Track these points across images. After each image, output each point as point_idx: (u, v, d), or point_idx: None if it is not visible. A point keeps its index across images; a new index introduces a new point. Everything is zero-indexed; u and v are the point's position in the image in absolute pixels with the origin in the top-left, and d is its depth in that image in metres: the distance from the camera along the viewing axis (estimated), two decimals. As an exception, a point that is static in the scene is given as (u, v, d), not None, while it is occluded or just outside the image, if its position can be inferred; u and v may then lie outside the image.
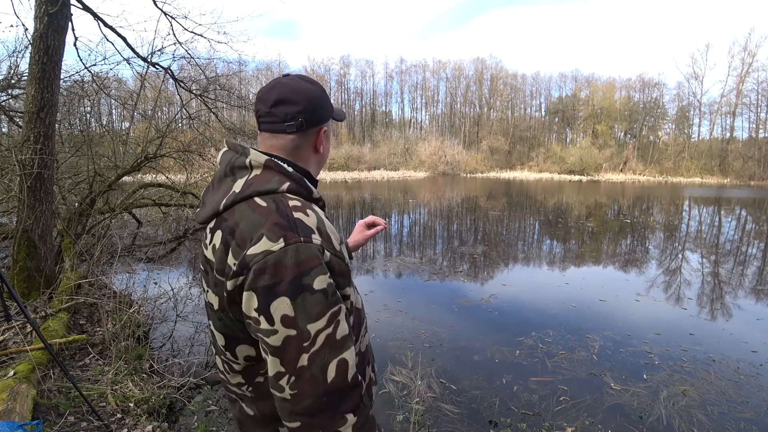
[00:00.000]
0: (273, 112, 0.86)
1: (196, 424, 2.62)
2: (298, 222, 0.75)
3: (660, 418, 2.86)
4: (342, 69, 60.63)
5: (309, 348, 0.71)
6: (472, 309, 5.02)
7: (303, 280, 0.71)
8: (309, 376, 0.71)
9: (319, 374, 0.71)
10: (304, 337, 0.71)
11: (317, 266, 0.73)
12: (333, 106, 0.95)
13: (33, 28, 3.80)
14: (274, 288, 0.71)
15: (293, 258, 0.71)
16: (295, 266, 0.71)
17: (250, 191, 0.80)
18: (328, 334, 0.72)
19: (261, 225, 0.75)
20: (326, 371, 0.72)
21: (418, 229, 11.55)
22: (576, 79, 58.94)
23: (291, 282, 0.71)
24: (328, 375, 0.72)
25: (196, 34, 6.65)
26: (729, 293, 5.86)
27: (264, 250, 0.72)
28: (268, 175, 0.82)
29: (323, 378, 0.72)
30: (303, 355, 0.71)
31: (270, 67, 56.24)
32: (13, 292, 1.88)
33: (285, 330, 0.71)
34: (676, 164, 47.34)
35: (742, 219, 14.63)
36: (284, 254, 0.71)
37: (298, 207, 0.79)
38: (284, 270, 0.71)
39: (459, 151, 49.43)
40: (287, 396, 0.72)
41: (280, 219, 0.75)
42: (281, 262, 0.71)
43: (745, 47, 46.75)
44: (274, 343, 0.72)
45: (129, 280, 5.28)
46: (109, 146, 7.94)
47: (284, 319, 0.71)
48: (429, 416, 2.84)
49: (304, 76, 0.91)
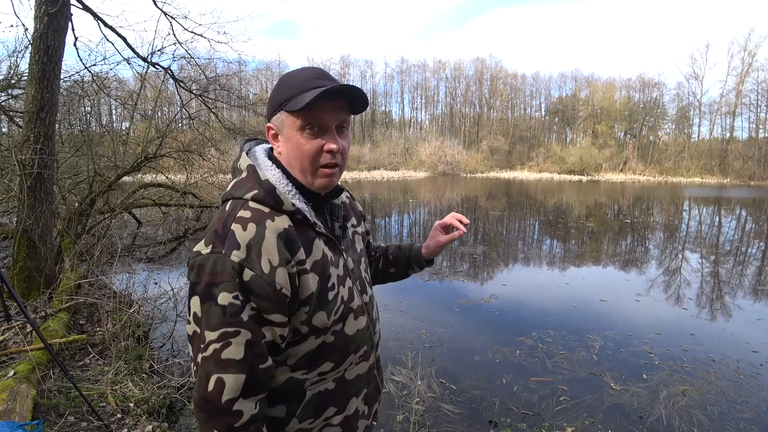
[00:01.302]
0: None
1: (195, 424, 2.62)
2: (229, 234, 0.76)
3: (660, 418, 2.86)
4: (342, 69, 60.65)
5: (202, 351, 0.75)
6: (472, 309, 5.02)
7: (212, 290, 0.74)
8: (198, 375, 0.76)
9: (203, 379, 0.75)
10: (201, 340, 0.75)
11: (225, 282, 0.74)
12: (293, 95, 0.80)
13: (33, 28, 3.80)
14: (194, 286, 0.76)
15: (211, 266, 0.75)
16: (210, 274, 0.74)
17: (228, 193, 0.85)
18: (215, 348, 0.74)
19: (212, 227, 0.80)
20: (208, 380, 0.74)
21: (417, 229, 11.55)
22: (576, 79, 58.98)
23: (205, 287, 0.75)
24: (208, 385, 0.74)
25: (196, 34, 6.65)
26: (729, 293, 5.86)
27: (197, 251, 0.77)
28: (246, 180, 0.84)
29: (205, 384, 0.75)
30: (199, 354, 0.75)
31: (270, 67, 56.28)
32: (13, 292, 1.88)
33: (193, 325, 0.77)
34: (676, 164, 47.34)
35: (742, 219, 14.62)
36: (206, 260, 0.75)
37: (244, 218, 0.77)
38: (203, 274, 0.75)
39: (459, 151, 49.44)
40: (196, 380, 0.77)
41: (220, 227, 0.78)
42: (203, 266, 0.75)
43: (745, 47, 46.80)
44: (188, 331, 0.79)
45: (129, 280, 5.28)
46: (109, 146, 7.94)
47: (194, 316, 0.76)
48: (429, 416, 2.84)
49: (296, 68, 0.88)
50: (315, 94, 0.77)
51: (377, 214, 14.14)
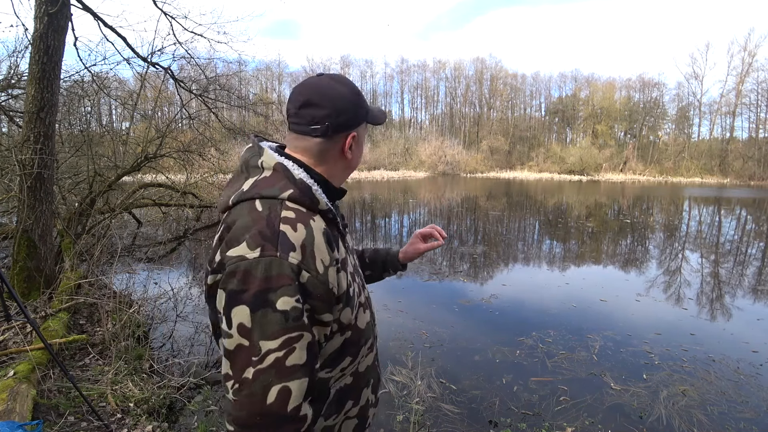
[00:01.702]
0: (300, 114, 0.85)
1: (196, 424, 2.62)
2: (281, 235, 0.74)
3: (660, 418, 2.86)
4: (342, 69, 60.64)
5: (256, 364, 0.70)
6: (472, 309, 5.02)
7: (268, 296, 0.70)
8: (249, 391, 0.69)
9: (259, 393, 0.69)
10: (254, 352, 0.70)
11: (285, 286, 0.71)
12: (369, 107, 0.91)
13: (33, 28, 3.80)
14: (239, 295, 0.70)
15: (264, 271, 0.70)
16: (263, 279, 0.70)
17: (253, 193, 0.80)
18: (278, 357, 0.70)
19: (248, 229, 0.74)
20: (267, 393, 0.69)
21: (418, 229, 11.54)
22: (576, 79, 58.96)
23: (255, 294, 0.70)
24: (267, 397, 0.69)
25: (196, 34, 6.66)
26: (729, 293, 5.86)
27: (239, 255, 0.72)
28: (274, 179, 0.81)
29: (262, 398, 0.69)
30: (249, 368, 0.70)
31: (270, 67, 56.30)
32: (13, 292, 1.88)
33: (239, 338, 0.70)
34: (676, 164, 47.34)
35: (742, 219, 14.63)
36: (256, 265, 0.70)
37: (290, 219, 0.76)
38: (252, 280, 0.70)
39: (459, 151, 49.44)
40: (230, 399, 0.71)
41: (265, 228, 0.74)
42: (251, 271, 0.70)
43: (745, 47, 46.78)
44: (228, 346, 0.72)
45: (129, 280, 5.28)
46: (109, 146, 7.94)
47: (240, 328, 0.70)
48: (429, 416, 2.84)
49: (338, 77, 0.88)
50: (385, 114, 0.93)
51: (377, 214, 14.15)
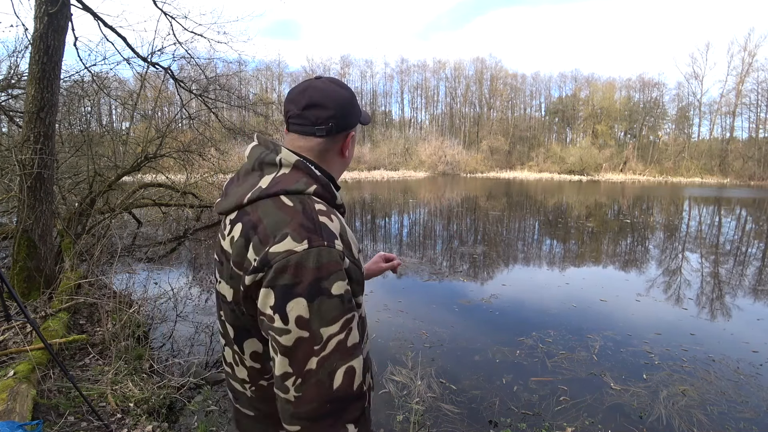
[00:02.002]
0: (304, 115, 0.86)
1: (196, 424, 2.62)
2: (323, 226, 0.76)
3: (660, 418, 2.86)
4: (342, 69, 60.66)
5: (319, 352, 0.71)
6: (472, 309, 5.02)
7: (322, 284, 0.71)
8: (315, 380, 0.70)
9: (326, 379, 0.71)
10: (315, 341, 0.71)
11: (337, 271, 0.73)
12: (361, 110, 0.95)
13: (33, 28, 3.80)
14: (293, 288, 0.71)
15: (315, 261, 0.71)
16: (316, 269, 0.71)
17: (277, 188, 0.80)
18: (339, 339, 0.72)
19: (286, 224, 0.75)
20: (333, 377, 0.71)
21: (417, 229, 11.55)
22: (576, 79, 58.96)
23: (310, 284, 0.71)
24: (335, 381, 0.71)
25: (196, 34, 6.66)
26: (729, 293, 5.86)
27: (287, 249, 0.72)
28: (297, 175, 0.83)
29: (329, 384, 0.71)
30: (312, 359, 0.71)
31: (270, 67, 56.31)
32: (13, 292, 1.88)
33: (298, 331, 0.70)
34: (676, 164, 47.34)
35: (742, 219, 14.63)
36: (307, 256, 0.71)
37: (324, 211, 0.79)
38: (305, 271, 0.71)
39: (459, 151, 49.44)
40: (291, 398, 0.71)
41: (305, 221, 0.75)
42: (303, 263, 0.71)
43: (745, 47, 46.77)
44: (285, 342, 0.71)
45: (129, 280, 5.28)
46: (109, 146, 7.94)
47: (299, 320, 0.70)
48: (429, 416, 2.84)
49: (335, 80, 0.91)
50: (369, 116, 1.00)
51: (377, 214, 14.15)
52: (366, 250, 8.30)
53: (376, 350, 3.81)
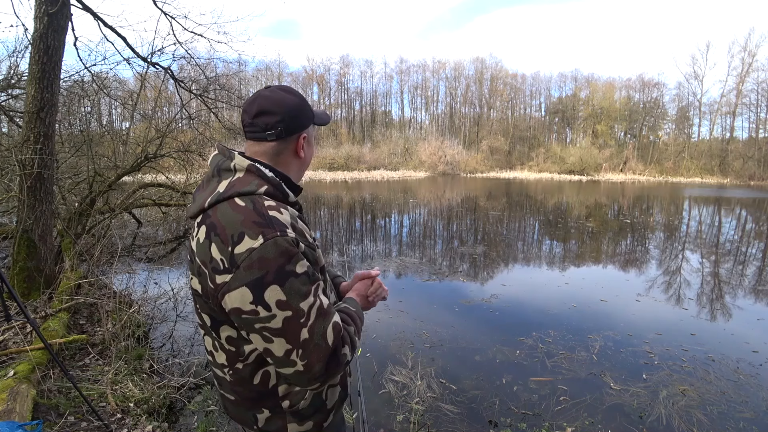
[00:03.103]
0: (255, 123, 0.95)
1: (196, 424, 2.62)
2: (273, 219, 0.84)
3: (660, 418, 2.86)
4: (342, 69, 60.68)
5: (306, 322, 0.82)
6: (472, 309, 5.02)
7: (287, 268, 0.81)
8: (313, 345, 0.82)
9: (322, 341, 0.83)
10: (300, 315, 0.81)
11: (295, 254, 0.83)
12: (314, 111, 1.04)
13: (33, 28, 3.80)
14: (263, 279, 0.79)
15: (274, 250, 0.80)
16: (276, 257, 0.80)
17: (231, 192, 0.88)
18: (317, 306, 0.84)
19: (240, 222, 0.82)
20: (326, 337, 0.84)
21: (418, 229, 11.55)
22: (576, 79, 58.91)
23: (276, 271, 0.80)
24: (328, 339, 0.84)
25: (196, 34, 6.65)
26: (729, 293, 5.86)
27: (248, 248, 0.80)
28: (249, 178, 0.91)
29: (326, 342, 0.84)
30: (303, 330, 0.81)
31: (270, 67, 56.32)
32: (13, 292, 1.88)
33: (282, 312, 0.80)
34: (676, 164, 47.31)
35: (742, 219, 14.63)
36: (266, 248, 0.80)
37: (273, 207, 0.87)
38: (268, 262, 0.79)
39: (459, 151, 49.39)
40: (300, 368, 0.82)
41: (257, 217, 0.83)
42: (264, 255, 0.79)
43: (745, 47, 46.71)
44: (275, 326, 0.80)
45: (129, 280, 5.28)
46: (109, 146, 7.94)
47: (279, 304, 0.80)
48: (429, 416, 2.84)
49: (284, 87, 1.00)
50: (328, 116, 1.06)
51: (377, 215, 14.14)
52: (366, 250, 8.30)
53: (377, 350, 3.82)
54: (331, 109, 60.18)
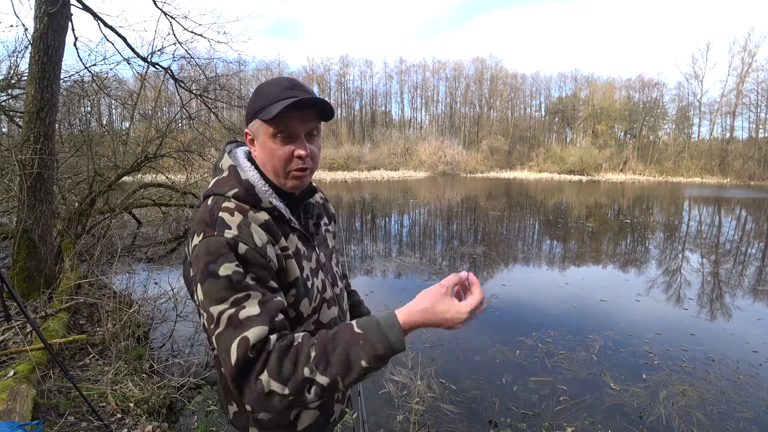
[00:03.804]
0: None
1: (196, 424, 2.62)
2: (219, 220, 0.81)
3: (660, 418, 2.86)
4: (342, 69, 60.68)
5: (215, 330, 0.75)
6: (472, 309, 5.01)
7: (210, 267, 0.77)
8: (222, 358, 0.74)
9: (225, 356, 0.73)
10: (212, 320, 0.76)
11: (223, 255, 0.77)
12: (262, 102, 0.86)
13: (33, 28, 3.80)
14: (195, 276, 0.79)
15: (204, 249, 0.78)
16: (205, 255, 0.78)
17: (210, 190, 0.90)
18: (230, 314, 0.74)
19: (196, 221, 0.84)
20: (230, 352, 0.72)
21: (417, 229, 11.55)
22: (576, 79, 58.93)
23: (202, 270, 0.77)
24: (231, 355, 0.72)
25: (196, 34, 6.65)
26: (729, 293, 5.86)
27: (193, 245, 0.82)
28: (227, 179, 0.89)
29: (228, 358, 0.73)
30: (212, 337, 0.76)
31: (270, 67, 56.25)
32: (13, 292, 1.88)
33: (202, 313, 0.79)
34: (676, 164, 47.31)
35: (742, 219, 14.63)
36: (200, 246, 0.79)
37: (230, 208, 0.84)
38: (199, 260, 0.78)
39: (459, 151, 49.40)
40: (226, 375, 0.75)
41: (207, 217, 0.83)
42: (198, 253, 0.79)
43: (745, 47, 46.75)
44: (204, 325, 0.80)
45: (129, 280, 5.27)
46: (109, 146, 7.93)
47: (201, 304, 0.78)
48: (429, 416, 2.84)
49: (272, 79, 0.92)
50: (283, 105, 0.82)
51: (377, 215, 14.14)
52: (366, 250, 8.30)
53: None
54: (331, 109, 59.93)
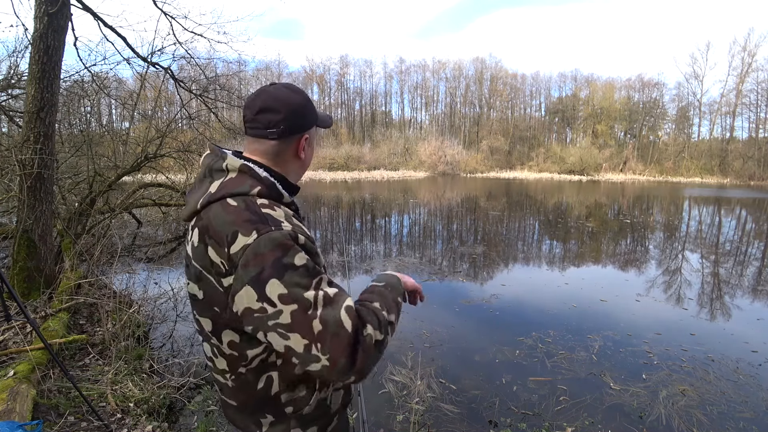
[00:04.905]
0: (257, 119, 0.92)
1: (196, 424, 2.62)
2: (267, 216, 0.81)
3: (660, 418, 2.86)
4: (342, 69, 60.67)
5: (315, 311, 0.76)
6: (472, 309, 5.02)
7: (283, 261, 0.77)
8: (330, 335, 0.75)
9: (338, 329, 0.75)
10: (307, 306, 0.76)
11: (292, 247, 0.79)
12: (318, 113, 1.00)
13: (33, 28, 3.80)
14: (261, 275, 0.76)
15: (269, 245, 0.77)
16: (272, 251, 0.77)
17: (222, 192, 0.86)
18: (323, 295, 0.78)
19: (233, 223, 0.80)
20: (341, 322, 0.76)
21: (417, 229, 11.55)
22: (576, 79, 58.92)
23: (273, 265, 0.76)
24: (345, 325, 0.76)
25: (196, 34, 6.65)
26: (729, 293, 5.86)
27: (242, 246, 0.78)
28: (242, 178, 0.88)
29: (344, 331, 0.75)
30: (314, 321, 0.75)
31: (269, 67, 56.26)
32: (13, 292, 1.88)
33: (287, 307, 0.75)
34: (676, 164, 47.32)
35: (742, 219, 14.63)
36: (259, 244, 0.77)
37: (266, 205, 0.85)
38: (264, 257, 0.76)
39: (459, 151, 49.39)
40: (326, 363, 0.75)
41: (249, 215, 0.81)
42: (258, 251, 0.77)
43: (745, 47, 46.73)
44: (285, 320, 0.76)
45: (129, 280, 5.27)
46: (109, 146, 7.94)
47: (282, 298, 0.75)
48: (429, 416, 2.85)
49: (289, 85, 0.97)
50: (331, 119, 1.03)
51: (377, 215, 14.14)
52: (366, 250, 8.30)
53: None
54: (331, 109, 60.17)
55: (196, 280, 0.87)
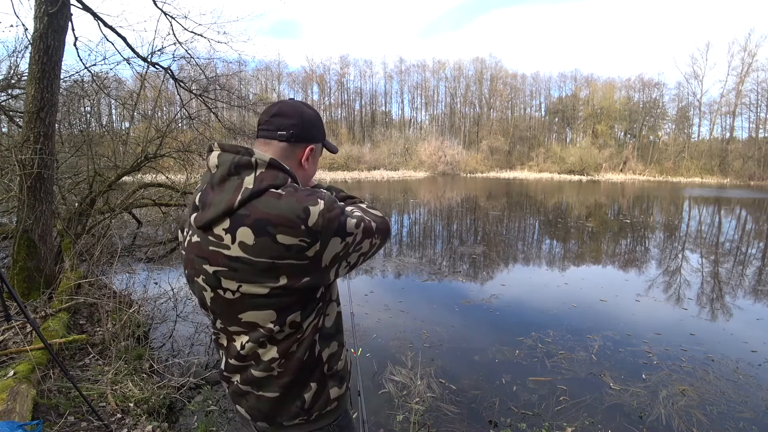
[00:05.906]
0: (270, 121, 1.00)
1: (196, 424, 2.62)
2: (314, 190, 0.94)
3: (659, 418, 2.86)
4: (342, 69, 60.68)
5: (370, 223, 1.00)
6: (472, 309, 5.02)
7: (345, 211, 0.95)
8: (371, 219, 1.02)
9: (382, 220, 1.05)
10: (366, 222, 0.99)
11: (340, 205, 0.95)
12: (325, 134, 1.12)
13: (33, 28, 3.80)
14: (337, 221, 0.90)
15: (330, 204, 0.90)
16: (335, 206, 0.92)
17: (264, 185, 0.89)
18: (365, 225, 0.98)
19: (299, 202, 0.87)
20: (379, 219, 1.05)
21: (417, 229, 11.55)
22: (576, 79, 58.96)
23: (343, 213, 0.93)
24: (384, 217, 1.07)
25: (196, 34, 6.65)
26: (729, 293, 5.86)
27: (318, 213, 0.87)
28: (274, 172, 0.92)
29: (383, 219, 1.06)
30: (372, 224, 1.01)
31: (270, 67, 56.31)
32: (13, 292, 1.88)
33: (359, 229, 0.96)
34: (676, 164, 47.33)
35: (742, 219, 14.63)
36: (326, 207, 0.89)
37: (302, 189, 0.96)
38: (334, 211, 0.90)
39: (459, 151, 49.41)
40: (383, 226, 1.06)
41: (305, 193, 0.90)
42: (329, 209, 0.89)
43: (745, 47, 46.74)
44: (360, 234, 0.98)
45: (129, 280, 5.27)
46: (109, 146, 7.93)
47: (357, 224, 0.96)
48: (429, 416, 2.85)
49: (305, 103, 1.07)
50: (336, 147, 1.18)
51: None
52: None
53: (376, 350, 3.82)
54: (331, 109, 60.20)
55: (258, 277, 0.88)
